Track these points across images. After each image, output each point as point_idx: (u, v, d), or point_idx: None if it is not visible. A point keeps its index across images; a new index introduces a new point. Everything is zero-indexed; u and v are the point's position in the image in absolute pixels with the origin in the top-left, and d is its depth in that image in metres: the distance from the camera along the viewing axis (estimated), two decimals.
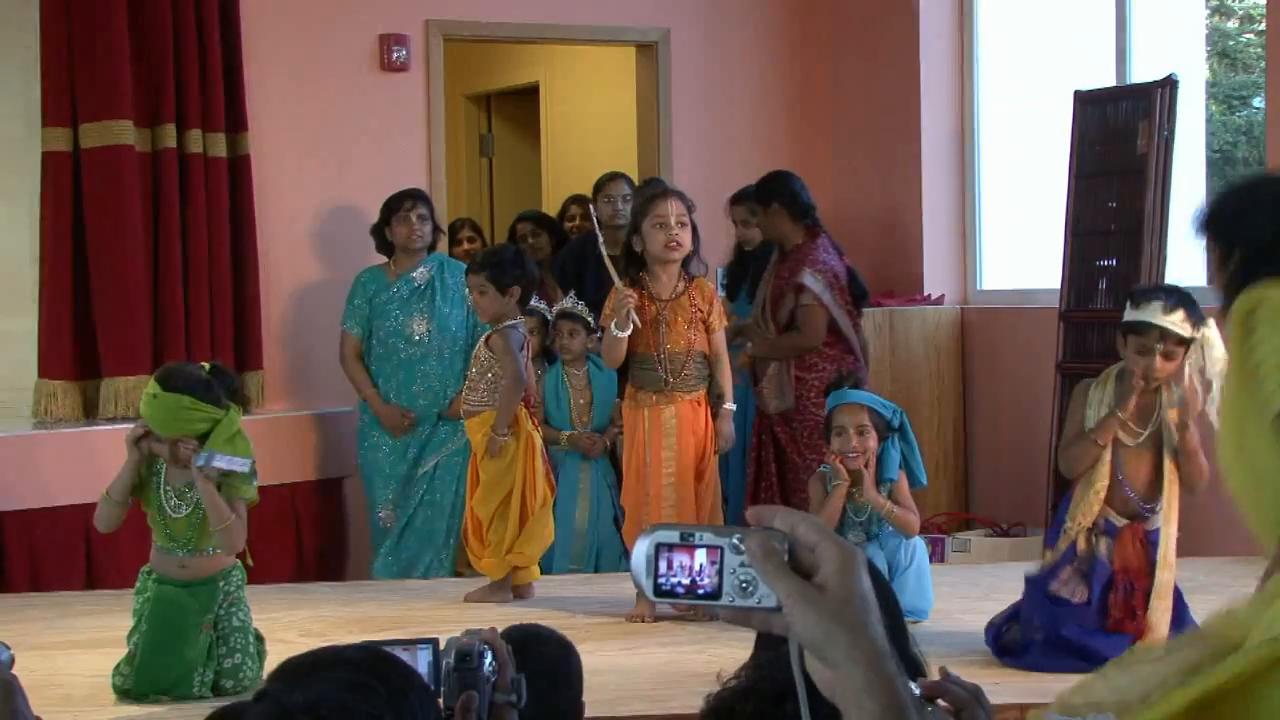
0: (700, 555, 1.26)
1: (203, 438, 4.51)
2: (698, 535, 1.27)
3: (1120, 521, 4.71)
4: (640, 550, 1.27)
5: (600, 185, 7.23)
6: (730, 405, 5.50)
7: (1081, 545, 4.72)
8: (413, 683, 1.56)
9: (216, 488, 4.51)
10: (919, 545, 5.19)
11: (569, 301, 6.77)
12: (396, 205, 6.77)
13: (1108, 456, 4.72)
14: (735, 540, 1.25)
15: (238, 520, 4.53)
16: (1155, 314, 4.62)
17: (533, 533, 5.72)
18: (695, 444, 5.39)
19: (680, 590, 1.26)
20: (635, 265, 5.46)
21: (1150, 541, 4.67)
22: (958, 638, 4.84)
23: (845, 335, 6.40)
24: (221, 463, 4.47)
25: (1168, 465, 4.65)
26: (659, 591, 1.27)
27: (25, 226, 7.12)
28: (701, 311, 5.43)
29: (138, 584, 4.62)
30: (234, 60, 7.06)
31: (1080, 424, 4.77)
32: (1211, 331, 4.58)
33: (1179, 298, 4.64)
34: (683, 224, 5.37)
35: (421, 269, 6.77)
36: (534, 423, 5.82)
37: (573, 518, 6.50)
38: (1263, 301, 2.67)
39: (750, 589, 1.24)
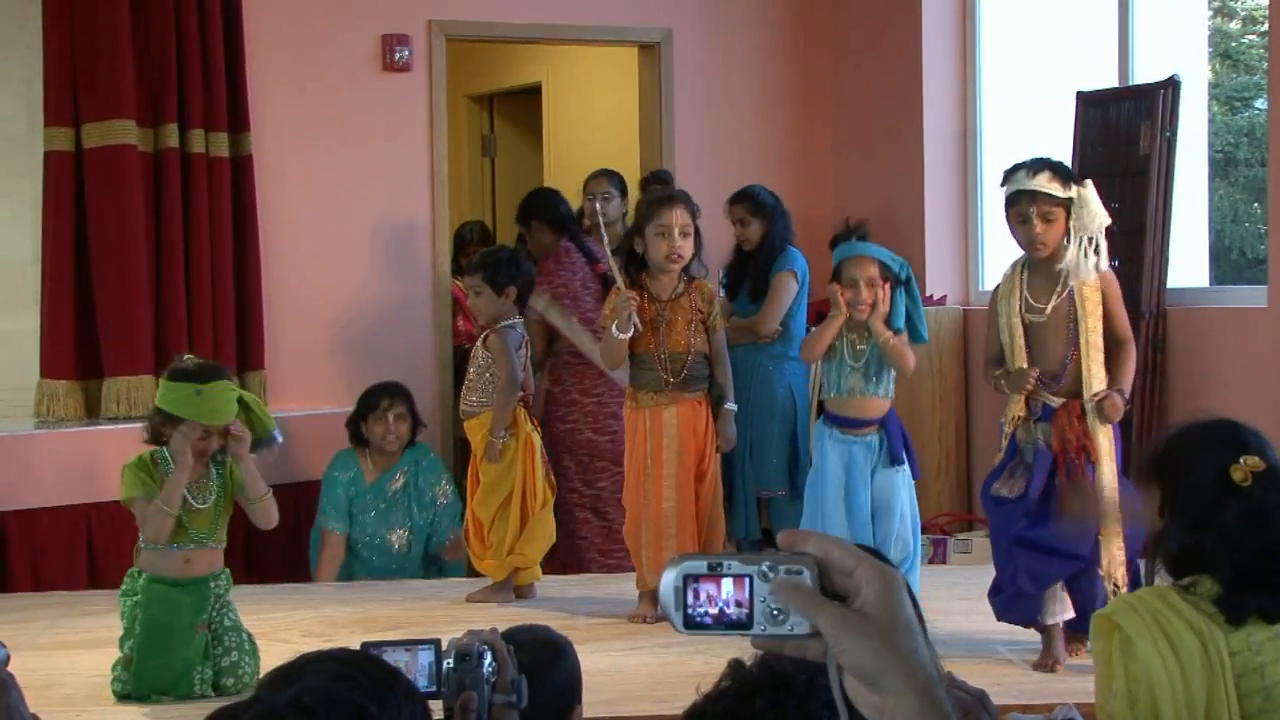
0: (729, 585, 1.25)
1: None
2: (725, 564, 1.25)
3: (1055, 401, 4.70)
4: (668, 582, 1.25)
5: (585, 183, 7.25)
6: (731, 405, 5.51)
7: (1021, 436, 4.76)
8: (398, 679, 1.57)
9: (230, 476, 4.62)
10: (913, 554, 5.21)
11: None
12: (374, 403, 6.44)
13: (1020, 341, 4.74)
14: (764, 568, 1.24)
15: (272, 496, 4.65)
16: (1022, 181, 4.66)
17: (533, 533, 5.71)
18: (696, 444, 5.39)
19: (710, 621, 1.25)
20: (636, 265, 5.46)
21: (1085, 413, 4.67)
22: (959, 638, 4.85)
23: (581, 348, 6.71)
24: (278, 434, 4.65)
25: (1082, 335, 4.64)
26: (690, 623, 1.25)
27: (27, 226, 7.12)
28: (702, 313, 5.44)
29: (124, 586, 4.60)
30: (236, 60, 7.06)
31: (994, 328, 4.83)
32: (1087, 190, 4.62)
33: (1044, 162, 4.68)
34: (686, 234, 5.35)
35: (398, 473, 6.42)
36: (533, 423, 5.81)
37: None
38: (1116, 630, 2.89)
39: (782, 616, 1.24)
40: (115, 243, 6.70)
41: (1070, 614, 4.66)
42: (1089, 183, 4.68)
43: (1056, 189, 4.62)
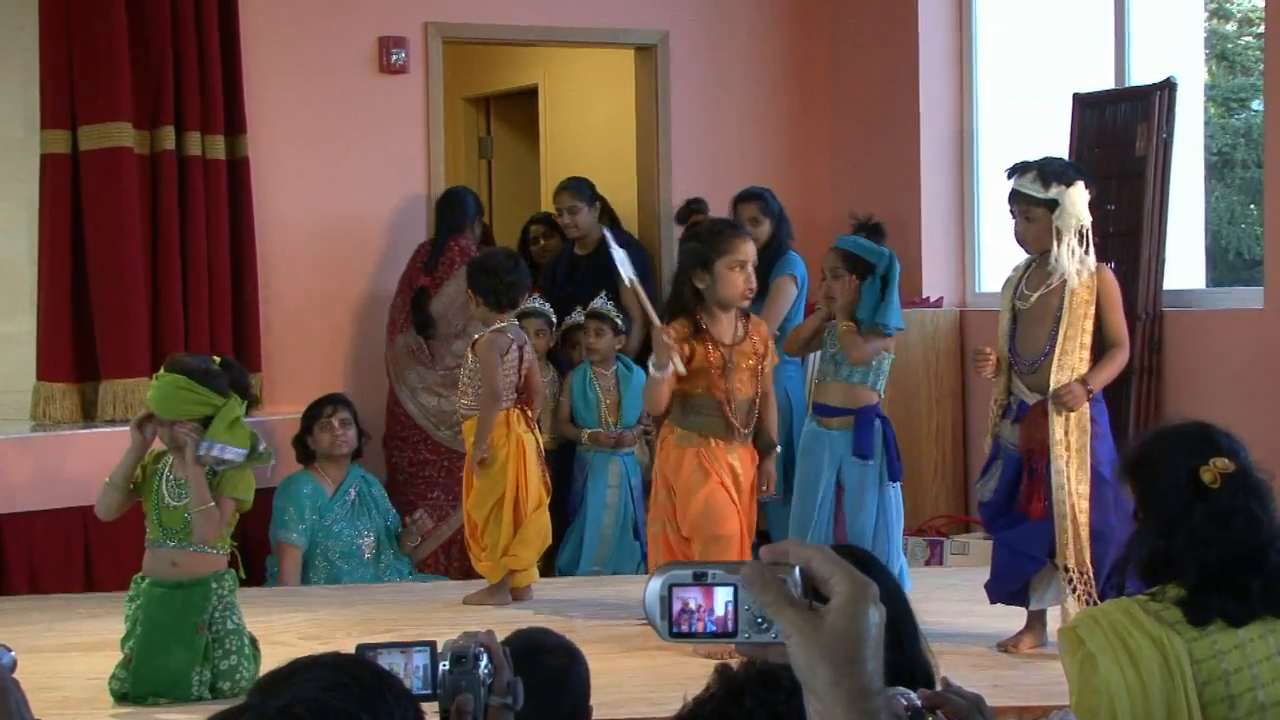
0: (714, 593, 1.26)
1: (204, 424, 4.55)
2: (710, 574, 1.26)
3: (1033, 398, 4.75)
4: (653, 591, 1.26)
5: (554, 196, 7.34)
6: (778, 448, 5.28)
7: (1003, 436, 4.86)
8: (388, 682, 1.56)
9: (213, 479, 4.56)
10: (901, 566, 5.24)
11: (599, 301, 6.77)
12: (316, 412, 6.51)
13: (1005, 324, 4.87)
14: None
15: (216, 511, 4.55)
16: (1013, 182, 4.84)
17: (527, 536, 5.70)
18: (752, 490, 5.12)
19: (696, 630, 1.26)
20: (684, 303, 5.01)
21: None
22: (956, 640, 4.85)
23: None
24: (218, 450, 4.52)
25: (1060, 330, 4.70)
26: (675, 633, 1.26)
27: (24, 228, 7.12)
28: (760, 355, 5.09)
29: (130, 591, 4.62)
30: (233, 62, 7.06)
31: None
32: (1072, 190, 4.71)
33: (1029, 163, 4.80)
34: (754, 266, 5.04)
35: (351, 488, 6.46)
36: (527, 424, 5.77)
37: (602, 520, 6.50)
38: (1081, 645, 2.90)
39: (765, 624, 1.24)
40: (112, 245, 6.70)
41: (1055, 603, 4.74)
42: (1078, 184, 4.73)
43: (1036, 190, 4.73)
